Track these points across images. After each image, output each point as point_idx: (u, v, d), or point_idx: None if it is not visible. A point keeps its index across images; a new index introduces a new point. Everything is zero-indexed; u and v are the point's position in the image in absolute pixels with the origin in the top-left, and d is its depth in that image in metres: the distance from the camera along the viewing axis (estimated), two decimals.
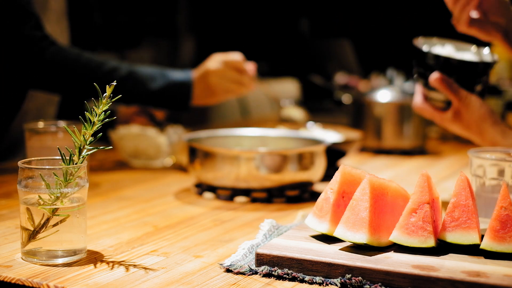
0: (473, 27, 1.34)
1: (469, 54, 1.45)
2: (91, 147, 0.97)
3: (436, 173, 1.77)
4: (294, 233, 1.02)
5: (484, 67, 1.38)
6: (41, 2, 1.73)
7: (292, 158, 1.39)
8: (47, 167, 0.97)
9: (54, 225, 0.95)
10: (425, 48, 1.41)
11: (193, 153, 1.44)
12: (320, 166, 1.44)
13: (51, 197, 0.95)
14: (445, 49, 1.46)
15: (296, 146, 1.58)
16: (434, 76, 1.36)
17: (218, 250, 1.05)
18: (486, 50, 1.46)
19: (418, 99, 1.43)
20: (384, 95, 2.13)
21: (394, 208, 0.97)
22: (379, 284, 0.87)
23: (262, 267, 0.93)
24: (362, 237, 0.93)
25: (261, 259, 0.94)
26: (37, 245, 0.96)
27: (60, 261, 0.96)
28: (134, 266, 0.96)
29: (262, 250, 0.94)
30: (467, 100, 1.34)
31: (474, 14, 1.34)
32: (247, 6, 6.03)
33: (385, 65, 2.96)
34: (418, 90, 1.44)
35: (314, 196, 1.43)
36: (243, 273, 0.93)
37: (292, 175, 1.39)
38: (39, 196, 0.95)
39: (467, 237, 0.93)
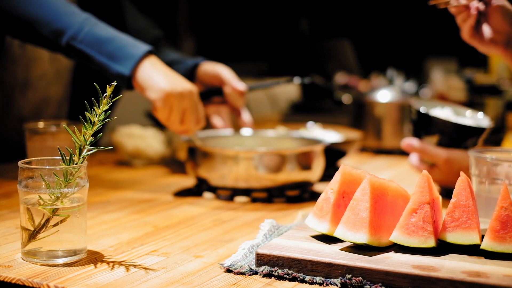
0: (473, 40, 1.36)
1: (466, 118, 1.50)
2: (91, 147, 0.97)
3: None
4: (294, 233, 1.02)
5: (472, 131, 1.42)
6: None
7: (291, 158, 1.39)
8: (47, 167, 0.96)
9: (54, 225, 0.95)
10: (422, 110, 1.45)
11: (193, 153, 1.44)
12: (319, 166, 1.44)
13: (51, 197, 0.95)
14: (443, 111, 1.51)
15: (295, 146, 1.58)
16: (405, 142, 1.44)
17: (218, 250, 1.05)
18: (480, 115, 1.52)
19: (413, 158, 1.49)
20: (384, 95, 2.13)
21: (395, 208, 0.97)
22: (379, 284, 0.87)
23: (263, 267, 0.93)
24: (362, 237, 0.93)
25: (261, 259, 0.94)
26: (37, 245, 0.96)
27: (60, 261, 0.96)
28: (134, 266, 0.96)
29: (262, 250, 0.94)
30: (445, 159, 1.40)
31: (477, 28, 1.35)
32: (247, 6, 6.03)
33: (385, 65, 2.96)
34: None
35: (314, 196, 1.43)
36: (243, 273, 0.93)
37: (292, 175, 1.39)
38: (39, 196, 0.95)
39: (468, 237, 0.93)
